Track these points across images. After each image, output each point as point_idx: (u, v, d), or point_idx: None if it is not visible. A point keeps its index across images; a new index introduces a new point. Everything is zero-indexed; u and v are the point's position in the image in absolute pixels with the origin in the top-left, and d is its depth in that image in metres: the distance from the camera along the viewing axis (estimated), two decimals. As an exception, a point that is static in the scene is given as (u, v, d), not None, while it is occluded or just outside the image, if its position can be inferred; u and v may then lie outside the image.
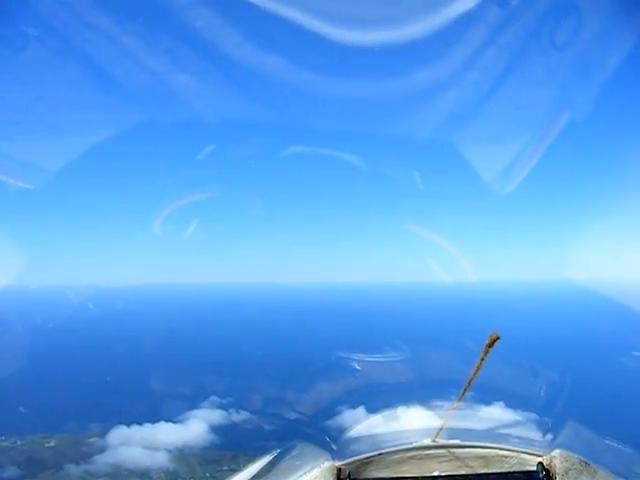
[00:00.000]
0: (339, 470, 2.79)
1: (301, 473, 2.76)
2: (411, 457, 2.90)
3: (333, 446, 2.96)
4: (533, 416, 3.20)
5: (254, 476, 2.85)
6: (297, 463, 2.83)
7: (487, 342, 2.65)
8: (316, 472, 2.76)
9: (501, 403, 3.22)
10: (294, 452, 2.93)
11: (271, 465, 2.88)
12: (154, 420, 26.64)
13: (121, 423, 26.37)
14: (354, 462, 2.84)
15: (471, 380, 2.76)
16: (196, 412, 28.06)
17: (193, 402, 28.87)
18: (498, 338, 2.65)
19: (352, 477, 2.80)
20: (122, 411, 28.11)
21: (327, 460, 2.81)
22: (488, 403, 3.15)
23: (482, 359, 2.69)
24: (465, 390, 2.82)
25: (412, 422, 3.18)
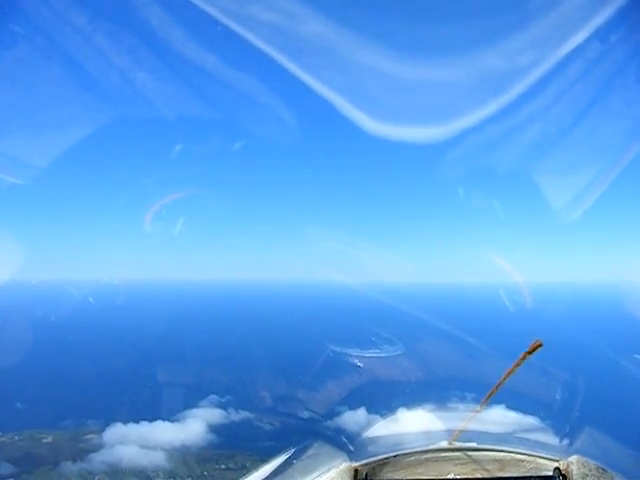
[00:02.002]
0: (356, 471, 2.78)
1: (318, 473, 2.75)
2: (427, 459, 2.88)
3: (350, 447, 2.95)
4: (550, 420, 3.18)
5: (269, 475, 2.84)
6: (313, 463, 2.82)
7: (528, 349, 2.57)
8: (333, 473, 2.74)
9: (517, 406, 3.20)
10: (310, 452, 2.92)
11: (287, 465, 2.86)
12: (151, 418, 26.57)
13: (118, 421, 26.28)
14: (371, 463, 2.83)
15: (500, 384, 2.73)
16: (194, 411, 28.02)
17: (192, 400, 28.85)
18: (540, 346, 2.54)
19: (369, 478, 2.79)
20: (119, 409, 28.05)
21: (344, 461, 2.80)
22: (504, 406, 3.13)
23: (518, 364, 2.63)
24: (491, 393, 2.79)
25: (427, 424, 3.17)
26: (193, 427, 26.63)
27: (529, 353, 2.61)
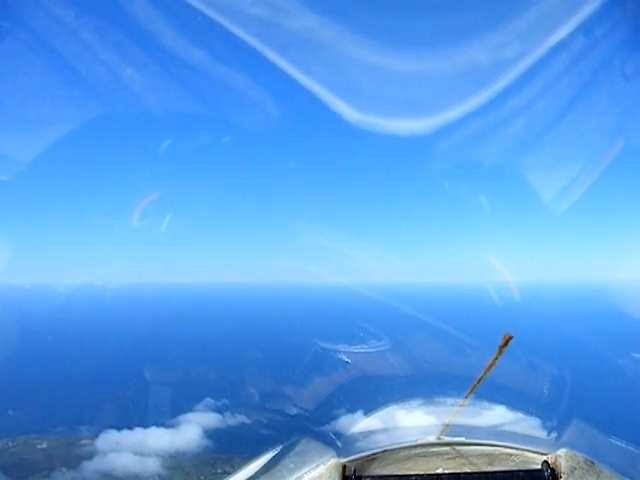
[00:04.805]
0: (344, 467, 2.77)
1: (306, 470, 2.75)
2: (416, 454, 2.88)
3: (338, 443, 2.95)
4: (538, 414, 3.18)
5: (257, 472, 2.83)
6: (301, 460, 2.81)
7: (501, 342, 2.66)
8: (321, 469, 2.74)
9: (505, 400, 3.21)
10: (298, 448, 2.91)
11: (275, 461, 2.86)
12: (146, 424, 26.39)
13: (112, 426, 26.08)
14: (359, 459, 2.83)
15: (481, 379, 2.76)
16: (190, 415, 27.87)
17: (186, 404, 28.71)
18: (511, 338, 2.66)
19: (357, 474, 2.78)
20: (113, 414, 27.87)
21: (332, 457, 2.79)
22: (492, 400, 3.13)
23: (495, 359, 2.70)
24: (473, 388, 2.82)
25: (415, 419, 3.17)
26: (189, 431, 26.51)
27: (503, 347, 2.71)
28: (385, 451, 2.86)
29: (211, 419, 27.89)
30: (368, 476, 2.80)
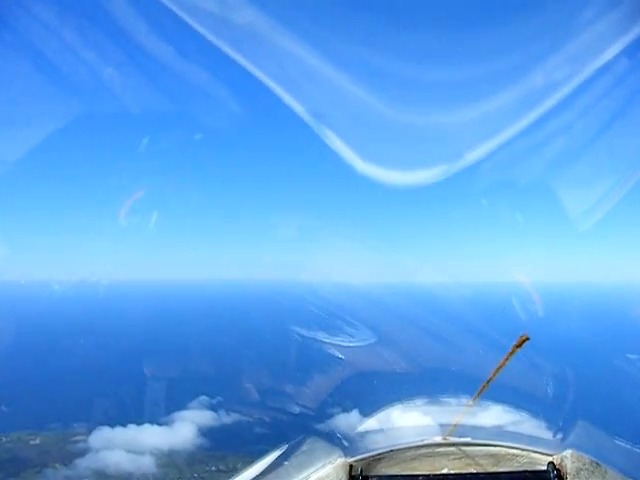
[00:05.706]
0: (351, 467, 2.76)
1: (313, 469, 2.73)
2: (422, 454, 2.87)
3: (344, 442, 2.93)
4: (544, 415, 3.18)
5: (264, 471, 2.82)
6: (308, 459, 2.80)
7: (515, 342, 2.63)
8: (328, 469, 2.72)
9: (511, 401, 3.20)
10: (304, 447, 2.90)
11: (281, 461, 2.84)
12: (140, 421, 26.30)
13: (105, 424, 25.98)
14: (365, 458, 2.81)
15: (491, 379, 2.74)
16: (184, 413, 27.82)
17: (181, 402, 28.65)
18: (528, 339, 2.61)
19: (364, 474, 2.77)
20: (105, 412, 27.79)
21: (339, 456, 2.77)
22: (498, 401, 3.13)
23: (507, 359, 2.67)
24: (483, 388, 2.80)
25: (420, 418, 3.16)
26: (183, 429, 26.45)
27: (517, 347, 2.65)
28: (392, 451, 2.84)
29: (205, 417, 27.84)
30: (375, 476, 2.79)
